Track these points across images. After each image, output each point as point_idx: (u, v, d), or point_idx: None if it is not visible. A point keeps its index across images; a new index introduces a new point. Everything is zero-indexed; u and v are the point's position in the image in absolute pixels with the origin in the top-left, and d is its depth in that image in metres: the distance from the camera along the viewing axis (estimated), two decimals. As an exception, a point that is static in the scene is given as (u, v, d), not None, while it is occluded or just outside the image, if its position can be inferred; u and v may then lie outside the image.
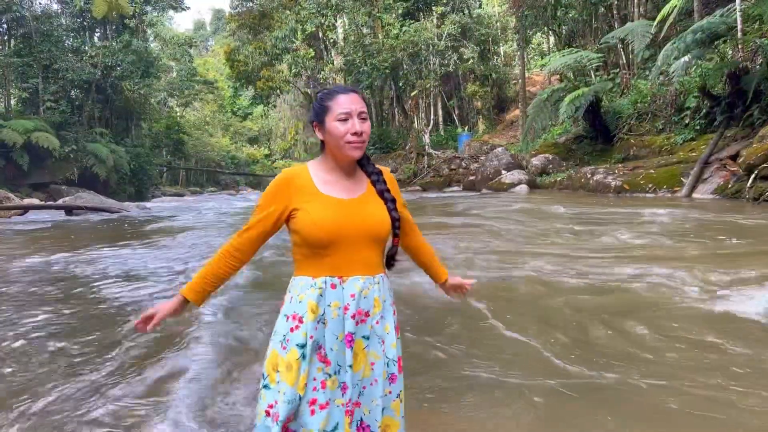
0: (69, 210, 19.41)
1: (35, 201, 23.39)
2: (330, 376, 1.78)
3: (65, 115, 33.16)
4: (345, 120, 1.80)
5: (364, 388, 1.83)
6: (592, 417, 2.78)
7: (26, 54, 33.00)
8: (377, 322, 1.85)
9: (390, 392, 1.86)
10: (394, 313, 1.93)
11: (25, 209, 19.56)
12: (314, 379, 1.77)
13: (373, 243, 1.84)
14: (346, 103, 1.81)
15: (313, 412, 1.75)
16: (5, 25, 33.69)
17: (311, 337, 1.77)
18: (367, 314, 1.83)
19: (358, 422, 1.82)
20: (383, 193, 1.89)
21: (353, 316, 1.80)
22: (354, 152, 1.82)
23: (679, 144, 17.13)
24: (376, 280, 1.87)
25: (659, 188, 15.08)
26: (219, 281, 1.87)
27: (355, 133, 1.80)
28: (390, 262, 1.96)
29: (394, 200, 1.90)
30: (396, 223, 1.88)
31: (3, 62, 32.97)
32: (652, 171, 15.87)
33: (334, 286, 1.80)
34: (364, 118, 1.82)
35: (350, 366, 1.78)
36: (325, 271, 1.81)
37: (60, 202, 21.98)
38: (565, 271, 5.97)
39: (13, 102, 35.47)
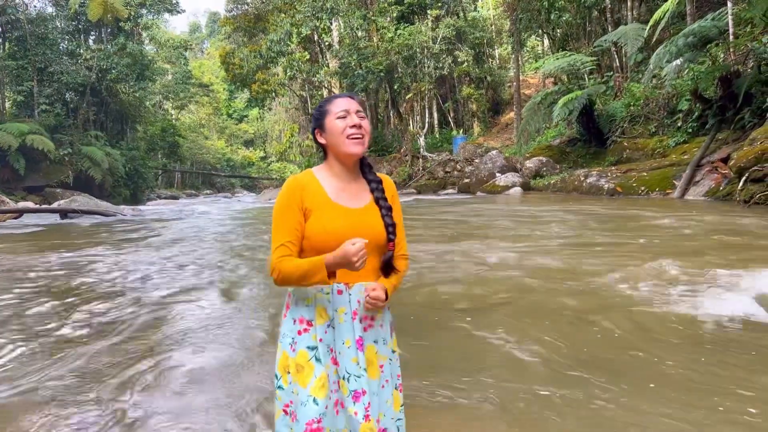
0: (64, 213, 19.39)
1: (30, 204, 23.35)
2: (341, 377, 1.81)
3: (60, 118, 33.17)
4: (344, 117, 1.86)
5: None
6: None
7: (21, 57, 32.99)
8: (381, 325, 1.92)
9: (397, 388, 1.95)
10: (390, 314, 2.00)
11: (20, 213, 19.53)
12: (333, 382, 1.82)
13: (375, 250, 1.88)
14: (343, 103, 1.89)
15: (337, 412, 1.81)
16: (0, 28, 33.68)
17: (320, 339, 1.82)
18: (372, 319, 1.89)
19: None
20: (378, 201, 1.93)
21: (361, 321, 1.85)
22: (355, 147, 1.87)
23: (672, 147, 17.25)
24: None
25: (652, 191, 15.18)
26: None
27: (354, 126, 1.86)
28: (389, 269, 1.93)
29: (389, 207, 1.93)
30: (390, 228, 1.91)
31: (-2, 65, 32.97)
32: (645, 174, 15.97)
33: (340, 292, 1.83)
34: (362, 117, 1.89)
35: (365, 369, 1.82)
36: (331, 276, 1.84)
37: (55, 205, 21.94)
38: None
39: (7, 105, 35.42)
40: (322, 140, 1.92)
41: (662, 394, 3.03)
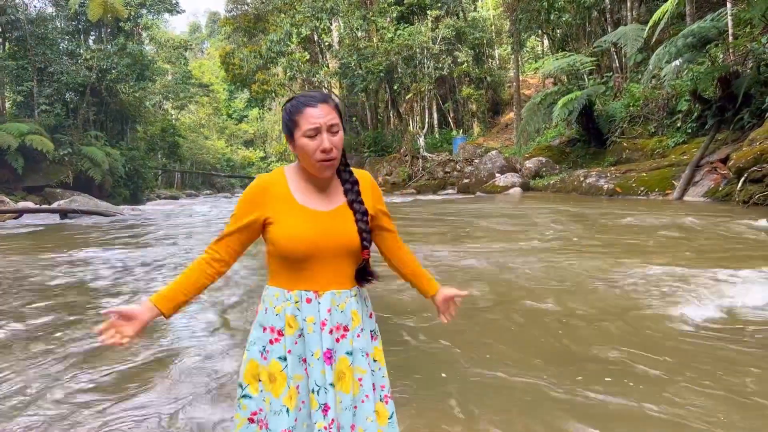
0: (63, 213, 19.40)
1: (30, 204, 23.36)
2: (311, 390, 1.72)
3: (60, 118, 33.15)
4: (313, 136, 1.70)
5: (355, 407, 1.76)
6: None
7: (21, 57, 32.99)
8: (358, 335, 1.79)
9: (384, 404, 1.83)
10: (374, 321, 1.91)
11: (20, 213, 19.54)
12: (306, 394, 1.73)
13: (347, 256, 1.78)
14: (313, 116, 1.70)
15: (306, 426, 1.72)
16: (0, 28, 33.67)
17: (289, 351, 1.72)
18: (345, 329, 1.77)
19: None
20: (352, 204, 1.79)
21: (331, 332, 1.74)
22: (324, 172, 1.74)
23: (671, 147, 17.26)
24: (353, 292, 1.81)
25: (651, 191, 15.19)
26: (194, 291, 1.75)
27: (323, 150, 1.70)
28: (364, 277, 1.84)
29: (364, 212, 1.79)
30: (364, 234, 1.77)
31: (-3, 65, 32.96)
32: (644, 174, 15.98)
33: (309, 301, 1.74)
34: (335, 132, 1.72)
35: (331, 384, 1.72)
36: (300, 284, 1.75)
37: (55, 205, 21.95)
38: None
39: (7, 105, 35.43)
40: (291, 149, 1.78)
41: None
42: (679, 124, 17.90)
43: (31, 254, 9.59)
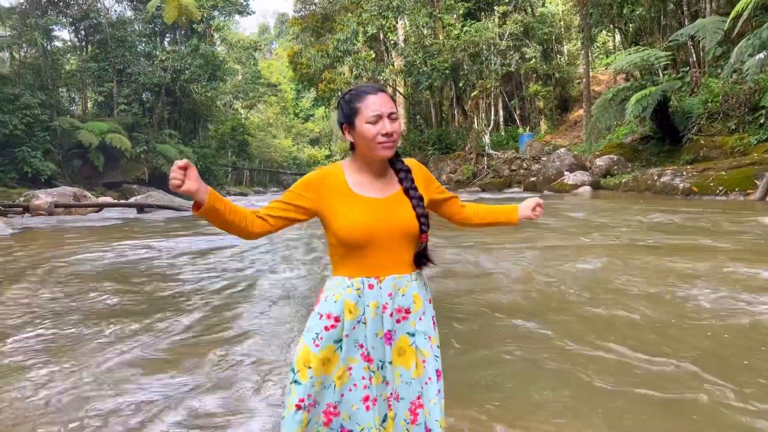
0: (140, 208, 20.29)
1: (109, 199, 24.52)
2: (374, 372, 1.81)
3: (137, 117, 34.70)
4: (375, 122, 1.78)
5: (421, 388, 1.84)
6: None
7: (102, 59, 34.69)
8: (420, 319, 1.86)
9: (440, 391, 1.87)
10: (432, 308, 1.96)
11: (101, 207, 20.55)
12: (363, 378, 1.80)
13: (407, 241, 1.84)
14: (375, 104, 1.78)
15: (368, 408, 1.79)
16: (83, 32, 35.51)
17: (346, 335, 1.80)
18: (407, 311, 1.85)
19: (423, 426, 1.83)
20: (408, 191, 1.87)
21: (391, 315, 1.82)
22: (385, 152, 1.80)
23: (753, 145, 16.42)
24: (413, 277, 1.87)
25: (730, 191, 14.48)
26: (233, 219, 1.75)
27: (386, 134, 1.78)
28: (421, 260, 1.89)
29: (420, 197, 1.87)
30: (422, 219, 1.85)
31: (81, 67, 34.78)
32: (723, 173, 15.25)
33: (371, 287, 1.81)
34: (394, 119, 1.80)
35: (390, 362, 1.81)
36: (362, 271, 1.81)
37: (132, 200, 22.99)
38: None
39: (89, 105, 37.31)
40: (350, 137, 1.85)
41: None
42: (762, 121, 17.00)
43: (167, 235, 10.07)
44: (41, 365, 3.74)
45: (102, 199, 23.57)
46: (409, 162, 1.94)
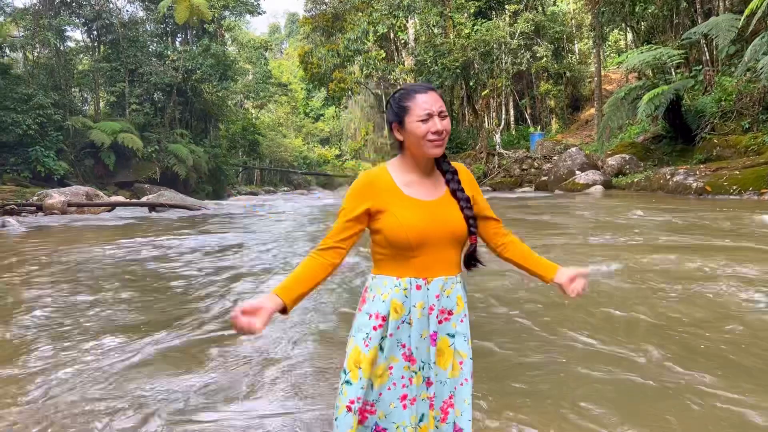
0: (152, 207, 20.40)
1: (121, 198, 24.66)
2: (416, 373, 1.82)
3: (149, 117, 34.85)
4: (426, 120, 1.78)
5: (455, 388, 1.86)
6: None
7: (114, 59, 34.87)
8: (461, 321, 1.88)
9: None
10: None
11: (113, 206, 20.68)
12: (402, 377, 1.81)
13: (454, 244, 1.85)
14: (426, 103, 1.79)
15: (405, 406, 1.81)
16: (95, 32, 35.73)
17: (390, 334, 1.80)
18: (450, 313, 1.86)
19: (452, 425, 1.85)
20: (455, 193, 1.87)
21: (437, 316, 1.83)
22: (435, 150, 1.81)
23: (767, 144, 16.26)
24: (458, 279, 1.89)
25: (744, 190, 14.35)
26: (312, 283, 1.80)
27: (436, 132, 1.78)
28: (470, 262, 1.92)
29: (467, 199, 1.87)
30: (471, 221, 1.86)
31: (93, 67, 35.02)
32: (737, 172, 15.11)
33: (419, 287, 1.81)
34: (444, 117, 1.81)
35: (434, 363, 1.83)
36: (410, 271, 1.81)
37: (144, 199, 23.11)
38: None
39: (102, 105, 37.53)
40: (399, 136, 1.86)
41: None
42: (776, 120, 16.84)
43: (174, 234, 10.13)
44: (45, 367, 3.76)
45: (114, 199, 23.71)
46: (456, 165, 1.95)
